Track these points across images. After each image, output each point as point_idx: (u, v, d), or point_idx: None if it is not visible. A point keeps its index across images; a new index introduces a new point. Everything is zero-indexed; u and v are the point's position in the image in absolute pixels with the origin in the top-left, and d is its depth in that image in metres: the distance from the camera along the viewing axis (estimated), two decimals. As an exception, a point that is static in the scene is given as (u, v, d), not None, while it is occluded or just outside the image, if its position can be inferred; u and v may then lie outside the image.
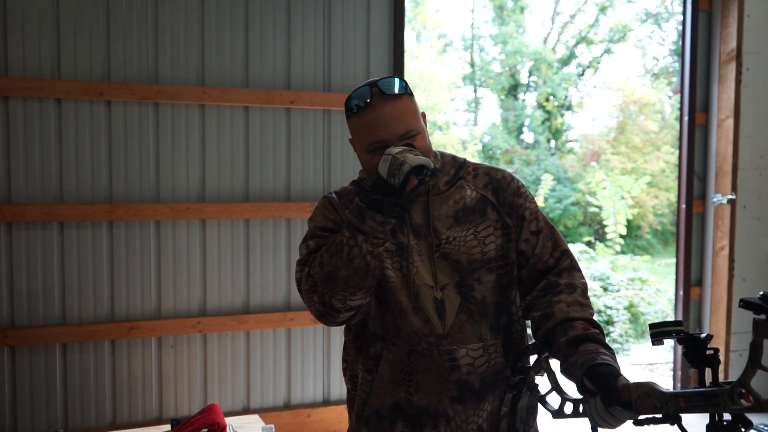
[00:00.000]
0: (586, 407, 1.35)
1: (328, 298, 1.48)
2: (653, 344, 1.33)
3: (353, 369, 1.65)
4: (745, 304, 1.19)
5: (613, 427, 1.33)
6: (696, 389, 1.22)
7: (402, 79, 1.57)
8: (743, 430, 1.21)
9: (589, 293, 1.73)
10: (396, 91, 1.53)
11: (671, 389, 1.24)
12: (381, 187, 1.44)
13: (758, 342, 1.15)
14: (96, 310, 3.33)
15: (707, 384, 1.26)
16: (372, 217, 1.44)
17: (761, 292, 1.16)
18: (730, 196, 4.44)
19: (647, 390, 1.25)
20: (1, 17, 3.14)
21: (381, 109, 1.52)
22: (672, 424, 1.25)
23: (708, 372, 1.28)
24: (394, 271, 1.56)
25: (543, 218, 1.66)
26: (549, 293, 1.58)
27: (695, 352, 1.28)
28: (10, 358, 3.21)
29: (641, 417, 1.27)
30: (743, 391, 1.18)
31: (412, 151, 1.45)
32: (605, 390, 1.30)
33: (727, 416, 1.23)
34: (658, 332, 1.32)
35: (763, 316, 1.14)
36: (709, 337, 1.28)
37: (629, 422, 1.31)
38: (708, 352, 1.27)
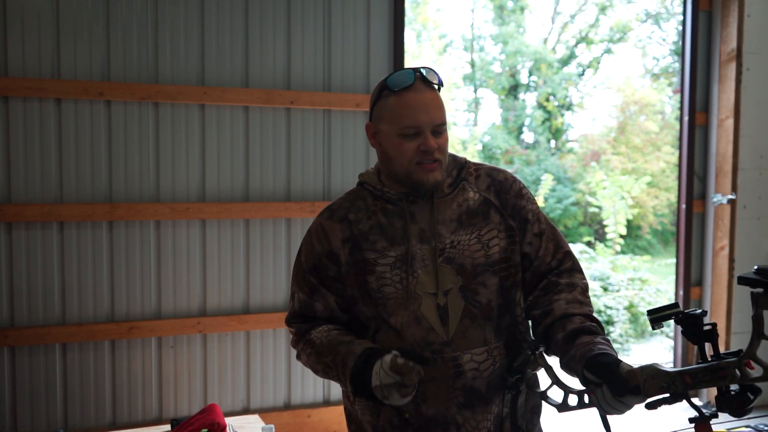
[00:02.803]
0: (593, 398, 1.35)
1: (315, 373, 1.66)
2: (653, 329, 1.35)
3: None
4: (742, 280, 1.22)
5: (622, 413, 1.34)
6: (700, 365, 1.23)
7: (440, 77, 1.59)
8: (752, 397, 1.22)
9: (590, 293, 1.74)
10: (436, 82, 1.56)
11: (674, 368, 1.26)
12: (364, 388, 1.47)
13: (759, 314, 1.18)
14: (96, 310, 3.33)
15: (709, 358, 1.27)
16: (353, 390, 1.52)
17: (756, 266, 1.19)
18: (730, 196, 4.44)
19: (652, 372, 1.26)
20: (1, 17, 3.14)
21: (424, 94, 1.53)
22: (681, 401, 1.27)
23: (708, 347, 1.30)
24: (393, 285, 1.55)
25: (545, 219, 1.66)
26: (550, 292, 1.58)
27: (693, 329, 1.29)
28: (10, 358, 3.21)
29: (651, 399, 1.29)
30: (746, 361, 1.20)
31: (402, 390, 1.41)
32: (611, 379, 1.31)
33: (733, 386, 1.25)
34: (657, 317, 1.33)
35: (760, 290, 1.17)
36: (704, 312, 1.30)
37: (641, 406, 1.32)
38: (706, 328, 1.29)
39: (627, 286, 7.99)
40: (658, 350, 6.97)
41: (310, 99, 3.61)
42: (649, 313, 1.34)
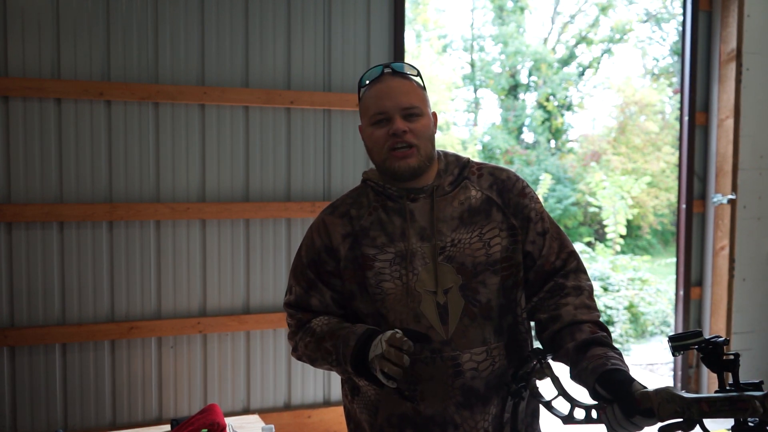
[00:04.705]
0: (603, 416, 1.33)
1: (311, 363, 1.64)
2: (674, 355, 1.33)
3: (352, 380, 1.63)
4: None
5: None
6: (719, 393, 1.21)
7: (415, 68, 1.62)
8: None
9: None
10: (405, 70, 1.60)
11: (691, 394, 1.24)
12: (363, 367, 1.46)
13: None
14: (96, 310, 3.33)
15: (727, 386, 1.25)
16: (353, 375, 1.53)
17: None
18: (730, 196, 4.44)
19: (667, 396, 1.24)
20: (1, 17, 3.14)
21: (389, 83, 1.57)
22: (695, 427, 1.25)
23: (726, 376, 1.27)
24: (393, 281, 1.54)
25: (548, 218, 1.65)
26: (556, 295, 1.57)
27: (714, 358, 1.28)
28: (10, 358, 3.21)
29: (663, 423, 1.26)
30: None
31: (389, 364, 1.40)
32: (624, 399, 1.29)
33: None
34: (680, 345, 1.31)
35: None
36: (726, 341, 1.28)
37: (653, 428, 1.30)
38: (728, 357, 1.27)
39: (627, 286, 7.99)
40: (658, 350, 6.97)
41: (310, 99, 3.61)
42: (672, 339, 1.32)
